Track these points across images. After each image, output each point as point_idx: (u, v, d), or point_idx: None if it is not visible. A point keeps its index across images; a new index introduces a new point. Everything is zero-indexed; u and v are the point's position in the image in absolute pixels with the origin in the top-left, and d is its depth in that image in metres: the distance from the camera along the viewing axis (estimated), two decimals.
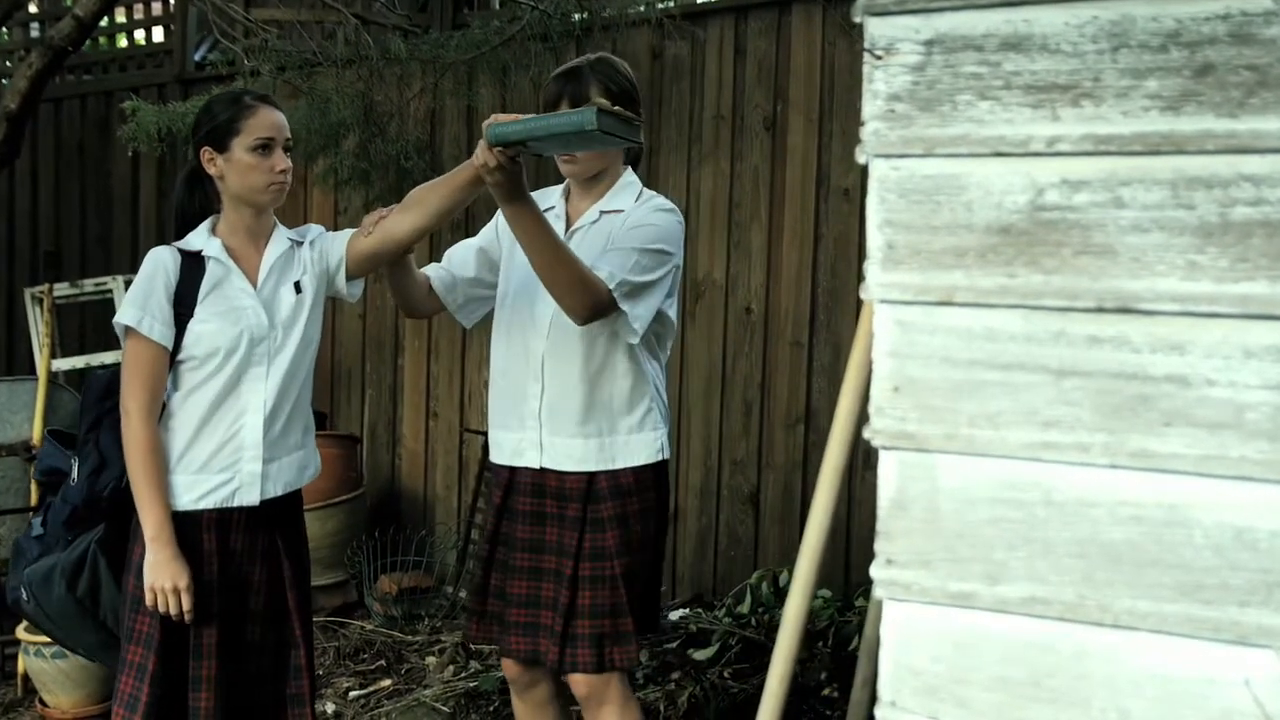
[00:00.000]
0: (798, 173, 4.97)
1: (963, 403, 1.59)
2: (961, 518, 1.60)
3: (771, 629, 4.59)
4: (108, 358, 5.85)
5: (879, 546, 1.65)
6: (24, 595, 2.99)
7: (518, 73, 4.82)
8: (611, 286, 2.82)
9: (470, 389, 5.98)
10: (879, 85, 1.62)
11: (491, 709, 4.45)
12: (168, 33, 7.01)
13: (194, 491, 2.85)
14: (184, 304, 2.85)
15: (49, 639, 3.41)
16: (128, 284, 5.86)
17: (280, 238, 2.99)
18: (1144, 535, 1.50)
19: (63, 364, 5.72)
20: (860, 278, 4.97)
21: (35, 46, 5.76)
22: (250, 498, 2.90)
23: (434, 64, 4.76)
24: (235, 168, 2.87)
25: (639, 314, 2.90)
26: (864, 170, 4.83)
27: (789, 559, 5.10)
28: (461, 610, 5.25)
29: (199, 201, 2.96)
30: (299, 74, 4.85)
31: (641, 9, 4.99)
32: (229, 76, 5.31)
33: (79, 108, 7.20)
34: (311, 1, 5.78)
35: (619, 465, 3.01)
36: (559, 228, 3.00)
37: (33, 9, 7.30)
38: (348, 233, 3.03)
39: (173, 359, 2.84)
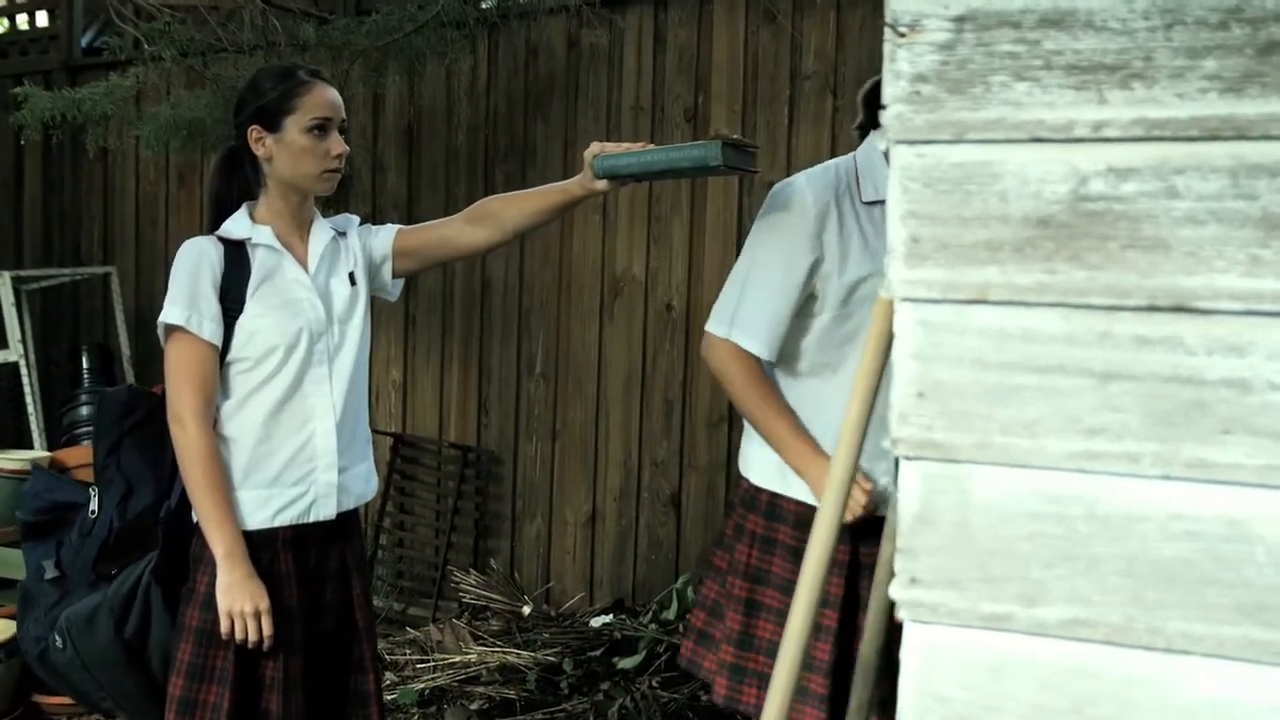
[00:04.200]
0: None
1: (996, 409, 1.47)
2: (995, 533, 1.48)
3: None
4: None
5: (901, 565, 1.52)
6: (57, 642, 2.66)
7: (433, 60, 4.64)
8: None
9: (376, 387, 5.78)
10: (903, 65, 1.48)
11: None
12: (53, 18, 6.70)
13: (268, 508, 2.59)
14: (231, 299, 2.57)
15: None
16: (16, 280, 5.58)
17: (323, 226, 2.74)
18: (1200, 552, 1.39)
19: None
20: None
21: None
22: (327, 511, 2.65)
23: (344, 50, 4.56)
24: (288, 150, 2.62)
25: None
26: (788, 163, 4.69)
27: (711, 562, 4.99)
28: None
29: (238, 186, 2.69)
30: (200, 60, 4.62)
31: None
32: (126, 62, 5.05)
33: None
34: None
35: None
36: None
37: None
38: (393, 228, 2.80)
39: (220, 362, 2.58)
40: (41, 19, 6.85)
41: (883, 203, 2.56)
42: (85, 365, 5.99)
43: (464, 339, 5.58)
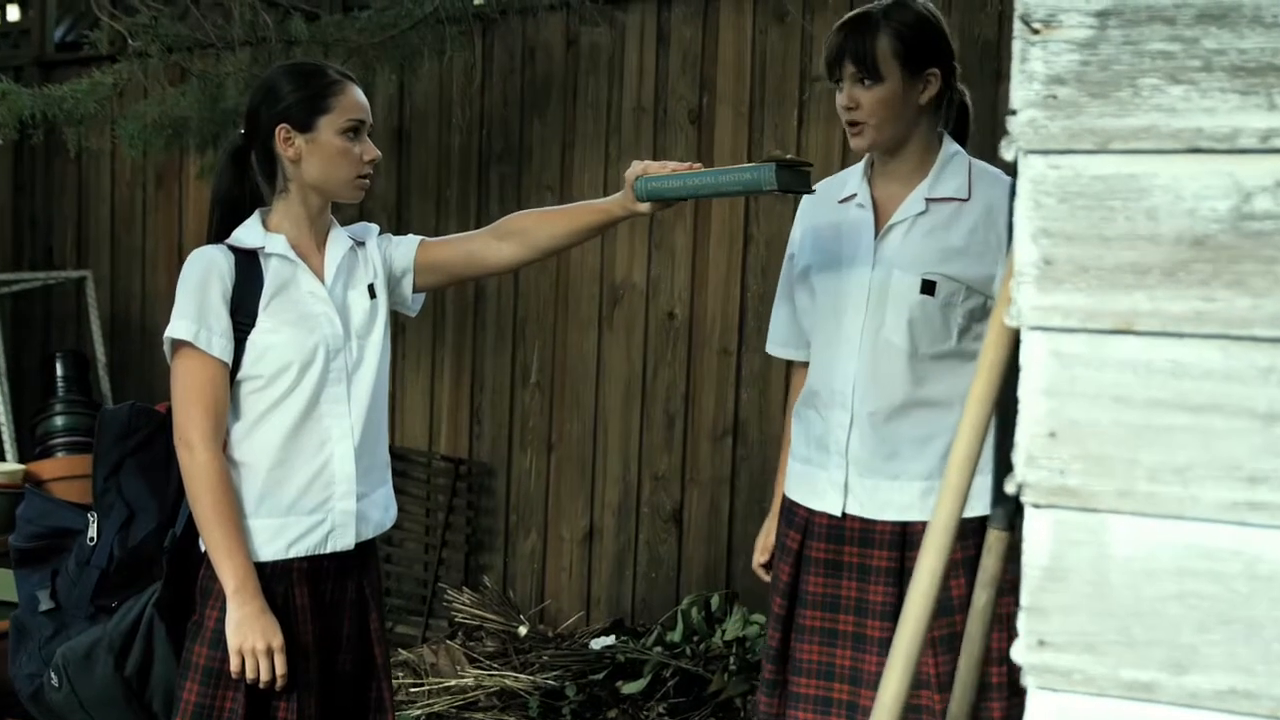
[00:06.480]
0: None
1: (1141, 452, 1.31)
2: (1138, 592, 1.32)
3: (709, 658, 4.31)
4: None
5: (1026, 625, 1.36)
6: (53, 680, 2.49)
7: (429, 58, 4.47)
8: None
9: None
10: (1036, 65, 1.32)
11: None
12: (24, 11, 6.50)
13: (283, 538, 2.43)
14: (243, 312, 2.40)
15: None
16: None
17: (340, 235, 2.57)
18: None
19: None
20: None
21: None
22: (345, 541, 2.49)
23: (337, 47, 4.38)
24: (321, 152, 2.45)
25: None
26: None
27: (715, 581, 4.83)
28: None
29: (249, 189, 2.52)
30: (186, 55, 4.43)
31: None
32: (103, 58, 4.84)
33: None
34: None
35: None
36: (866, 222, 2.55)
37: None
38: (415, 239, 2.64)
39: (231, 381, 2.42)
40: (12, 13, 6.65)
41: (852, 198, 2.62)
42: (59, 373, 5.77)
43: (456, 347, 5.39)
